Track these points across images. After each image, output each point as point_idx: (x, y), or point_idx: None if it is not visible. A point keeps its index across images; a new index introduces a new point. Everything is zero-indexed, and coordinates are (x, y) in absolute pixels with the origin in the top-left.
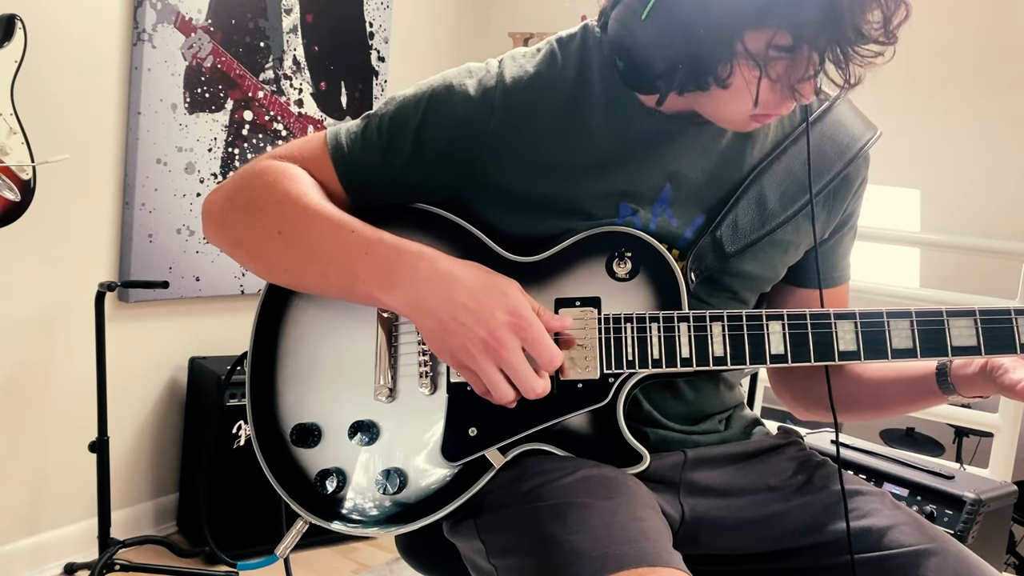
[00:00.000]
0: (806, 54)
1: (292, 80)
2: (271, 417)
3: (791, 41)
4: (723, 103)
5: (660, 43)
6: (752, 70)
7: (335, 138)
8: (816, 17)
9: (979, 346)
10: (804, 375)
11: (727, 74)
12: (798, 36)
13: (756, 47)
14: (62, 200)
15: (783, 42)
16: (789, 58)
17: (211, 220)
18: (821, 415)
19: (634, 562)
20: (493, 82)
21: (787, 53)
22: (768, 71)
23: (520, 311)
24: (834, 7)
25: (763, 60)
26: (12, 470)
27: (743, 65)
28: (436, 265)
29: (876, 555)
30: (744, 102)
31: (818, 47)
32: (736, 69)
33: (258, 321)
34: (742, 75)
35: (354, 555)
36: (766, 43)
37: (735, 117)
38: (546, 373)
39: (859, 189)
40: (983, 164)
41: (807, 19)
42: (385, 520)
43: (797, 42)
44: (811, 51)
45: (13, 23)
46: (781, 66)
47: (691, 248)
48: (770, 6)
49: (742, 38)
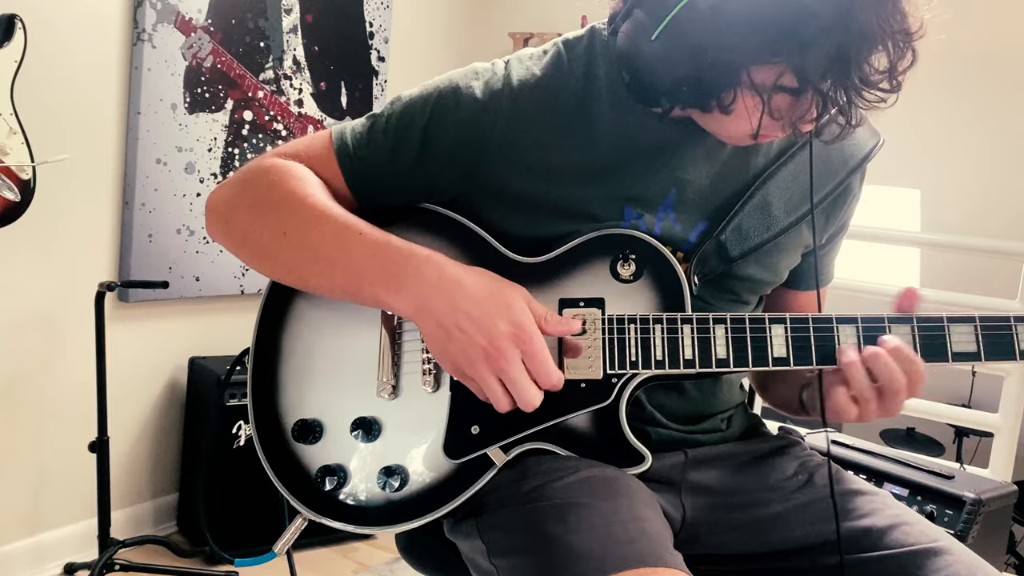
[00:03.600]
0: (810, 95)
1: (292, 80)
2: (272, 413)
3: (796, 83)
4: (724, 124)
5: (667, 63)
6: (755, 100)
7: (340, 137)
8: (822, 61)
9: (979, 352)
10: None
11: (730, 101)
12: (803, 78)
13: (761, 81)
14: (62, 200)
15: (788, 83)
16: (793, 97)
17: (215, 218)
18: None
19: (635, 562)
20: (500, 84)
21: (791, 93)
22: (771, 106)
23: (522, 323)
24: (841, 53)
25: (767, 94)
26: (12, 470)
27: (746, 95)
28: (443, 270)
29: (876, 555)
30: (744, 127)
31: (822, 91)
32: (739, 97)
33: (261, 317)
34: (744, 103)
35: (354, 555)
36: (772, 80)
37: (736, 139)
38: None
39: (854, 199)
40: (983, 164)
41: (813, 61)
42: (385, 517)
43: (802, 84)
44: (815, 94)
45: (13, 23)
46: (784, 102)
47: (695, 252)
48: (778, 43)
49: (749, 70)
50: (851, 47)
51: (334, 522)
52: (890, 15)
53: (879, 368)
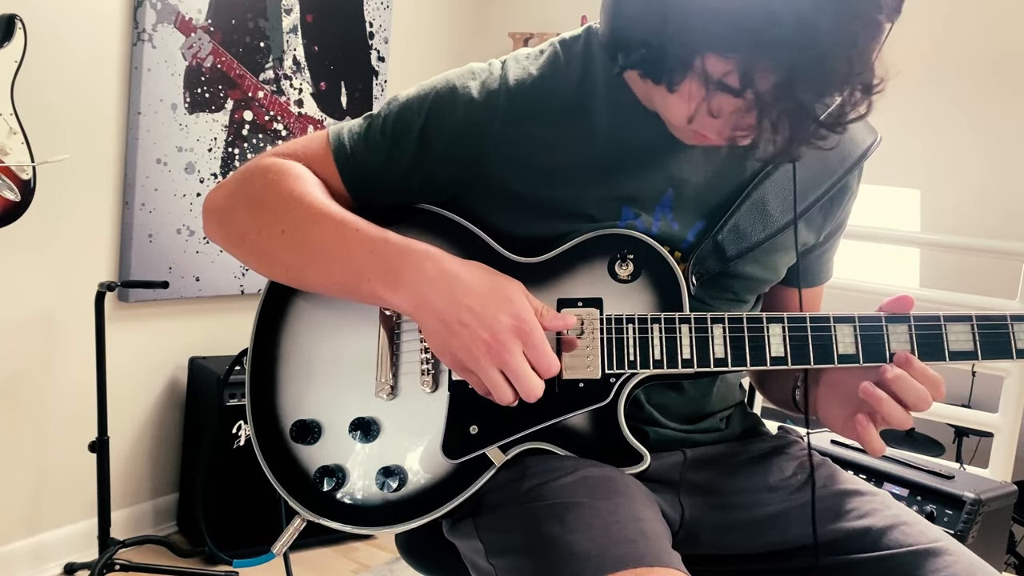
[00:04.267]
0: (749, 105)
1: (292, 80)
2: (271, 413)
3: (738, 85)
4: (667, 103)
5: (636, 21)
6: (700, 89)
7: (338, 137)
8: (769, 71)
9: (976, 351)
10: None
11: (679, 80)
12: (746, 81)
13: (711, 70)
14: (62, 200)
15: (732, 83)
16: (733, 99)
17: (212, 218)
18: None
19: (633, 562)
20: (496, 84)
21: (731, 93)
22: (711, 101)
23: (523, 315)
24: (791, 71)
25: (712, 87)
26: (12, 470)
27: (694, 80)
28: (442, 265)
29: (876, 555)
30: (683, 111)
31: (761, 102)
32: (687, 80)
33: (260, 317)
34: (690, 87)
35: (354, 555)
36: (720, 73)
37: (674, 121)
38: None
39: (852, 197)
40: (983, 164)
41: (761, 68)
42: (384, 518)
43: (743, 87)
44: (755, 105)
45: (13, 23)
46: (724, 104)
47: (693, 251)
48: (735, 37)
49: (704, 56)
50: (803, 70)
51: (333, 523)
52: (854, 58)
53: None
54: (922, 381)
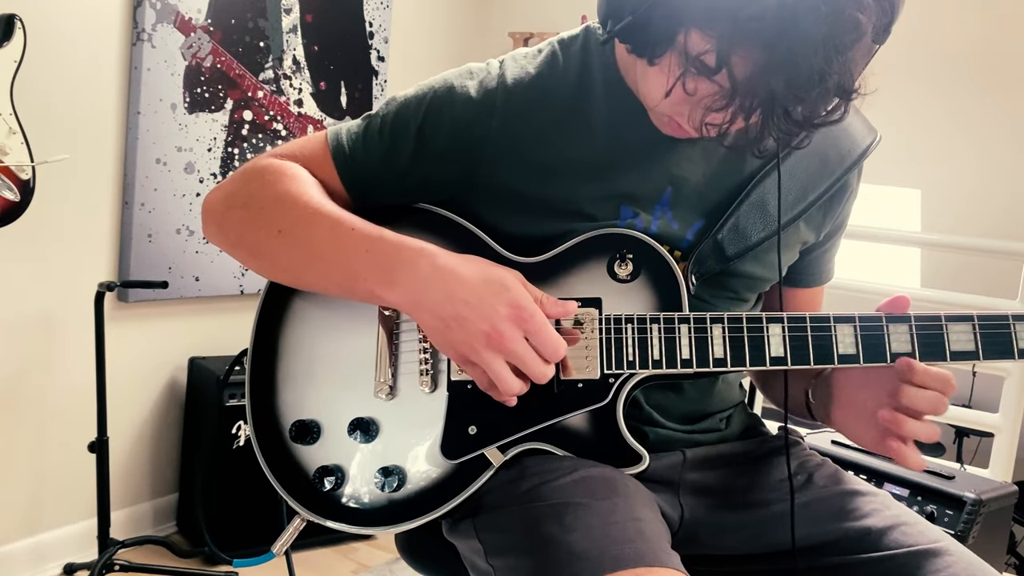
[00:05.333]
0: (723, 88)
1: (292, 80)
2: (270, 414)
3: (713, 64)
4: (644, 78)
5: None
6: (678, 65)
7: (336, 138)
8: (745, 51)
9: (977, 351)
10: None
11: (659, 53)
12: (721, 59)
13: (691, 47)
14: (62, 200)
15: (708, 61)
16: (708, 82)
17: (211, 219)
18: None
19: (632, 562)
20: (494, 83)
21: (705, 73)
22: (686, 80)
23: (522, 303)
24: (766, 52)
25: (690, 64)
26: (12, 470)
27: (674, 56)
28: (436, 261)
29: (877, 555)
30: (659, 86)
31: (735, 86)
32: (668, 55)
33: (259, 317)
34: (668, 63)
35: (354, 555)
36: (698, 50)
37: (648, 99)
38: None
39: (852, 196)
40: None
41: (738, 48)
42: (384, 518)
43: (718, 65)
44: (729, 91)
45: (13, 23)
46: (702, 87)
47: (692, 250)
48: (715, 13)
49: (687, 31)
50: (778, 57)
51: (332, 522)
52: (832, 55)
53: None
54: (929, 384)
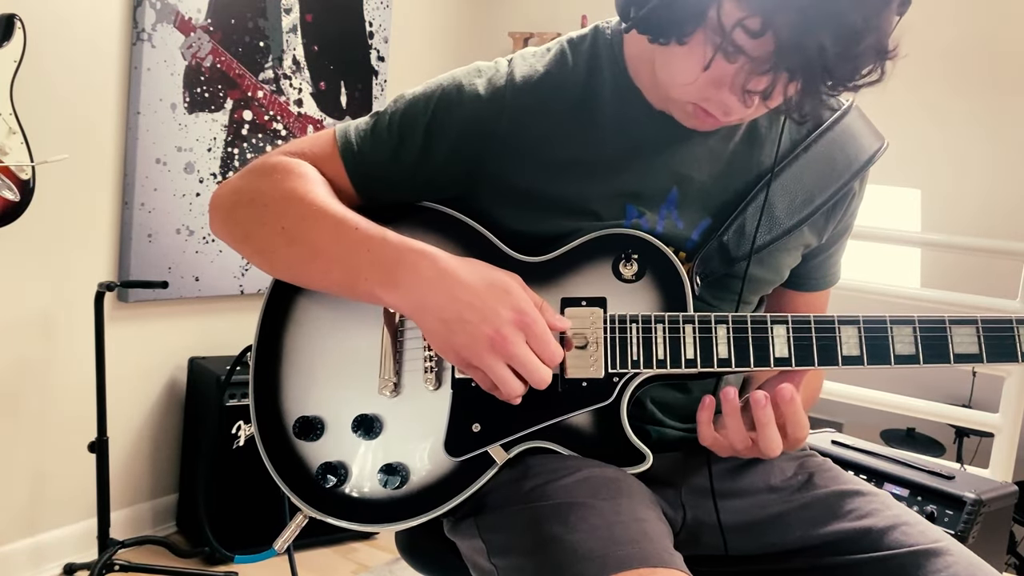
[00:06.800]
0: (769, 64)
1: (292, 80)
2: (274, 410)
3: (759, 27)
4: (669, 64)
5: None
6: (714, 38)
7: (344, 135)
8: (789, 13)
9: (981, 354)
10: None
11: (689, 31)
12: (767, 22)
13: (728, 13)
14: (61, 200)
15: (752, 25)
16: (751, 42)
17: (218, 214)
18: None
19: (635, 563)
20: (503, 81)
21: (751, 36)
22: (729, 43)
23: (523, 307)
24: (811, 20)
25: (730, 28)
26: (12, 470)
27: (706, 32)
28: (438, 264)
29: (877, 555)
30: (690, 70)
31: (781, 44)
32: (699, 32)
33: (264, 314)
34: (704, 35)
35: (354, 555)
36: (737, 18)
37: (675, 86)
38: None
39: (856, 200)
40: (984, 164)
41: (781, 8)
42: (386, 515)
43: (763, 28)
44: (776, 65)
45: (12, 23)
46: (743, 40)
47: (698, 251)
48: None
49: (719, 3)
50: (824, 7)
51: (334, 519)
52: (872, 11)
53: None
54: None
